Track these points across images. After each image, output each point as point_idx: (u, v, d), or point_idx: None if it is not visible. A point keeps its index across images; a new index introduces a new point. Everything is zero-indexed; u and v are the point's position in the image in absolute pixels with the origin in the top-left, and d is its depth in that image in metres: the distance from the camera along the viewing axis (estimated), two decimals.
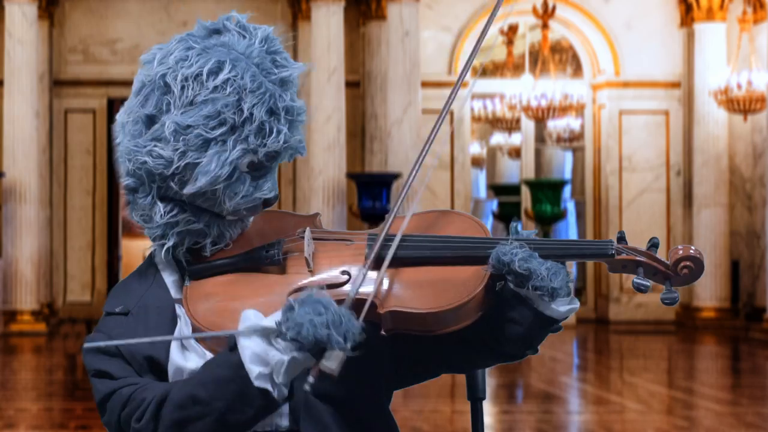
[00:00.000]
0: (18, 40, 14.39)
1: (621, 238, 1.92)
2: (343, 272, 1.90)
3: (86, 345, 1.91)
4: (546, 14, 15.16)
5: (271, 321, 1.77)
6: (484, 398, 2.22)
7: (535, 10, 15.24)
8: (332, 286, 1.88)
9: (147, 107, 2.00)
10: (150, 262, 2.04)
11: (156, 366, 1.93)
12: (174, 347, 1.92)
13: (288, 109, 1.94)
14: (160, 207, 1.95)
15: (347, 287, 1.83)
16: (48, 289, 15.35)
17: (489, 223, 18.45)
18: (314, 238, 1.97)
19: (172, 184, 1.95)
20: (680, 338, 14.80)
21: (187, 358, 1.91)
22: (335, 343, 1.71)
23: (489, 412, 8.72)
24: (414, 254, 1.92)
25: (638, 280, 1.88)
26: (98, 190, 15.97)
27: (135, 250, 21.71)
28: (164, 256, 1.99)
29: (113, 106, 15.94)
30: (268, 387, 1.78)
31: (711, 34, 15.28)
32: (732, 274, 15.48)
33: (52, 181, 15.80)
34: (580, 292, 16.40)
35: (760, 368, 12.25)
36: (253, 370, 1.77)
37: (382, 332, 1.87)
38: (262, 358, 1.77)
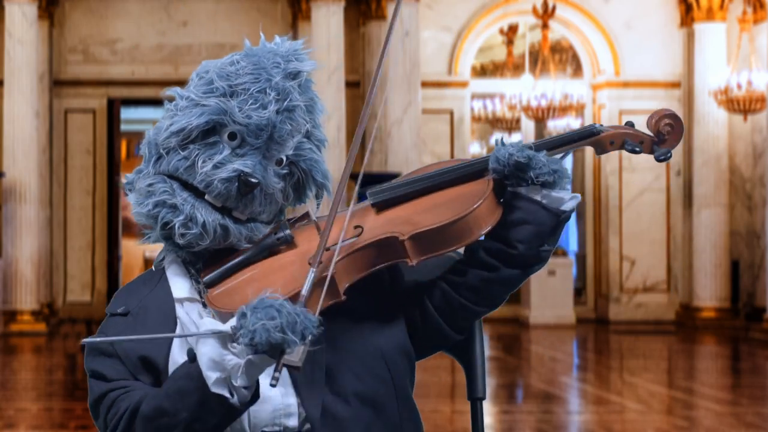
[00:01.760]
0: (18, 40, 14.39)
1: (600, 125, 2.01)
2: (356, 227, 1.92)
3: (82, 341, 1.93)
4: (546, 14, 15.16)
5: (226, 326, 1.76)
6: (484, 398, 2.22)
7: (535, 10, 15.24)
8: (347, 239, 1.90)
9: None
10: (158, 266, 2.05)
11: (151, 366, 1.93)
12: (176, 347, 1.93)
13: (280, 91, 1.96)
14: (149, 179, 1.97)
15: (304, 288, 1.82)
16: (48, 289, 15.35)
17: None
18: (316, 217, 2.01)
19: (162, 151, 1.97)
20: (680, 338, 14.80)
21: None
22: (291, 343, 1.71)
23: (489, 412, 8.72)
24: (417, 187, 1.99)
25: (630, 144, 1.99)
26: (98, 190, 15.97)
27: (135, 250, 21.71)
28: (157, 232, 1.98)
29: (113, 106, 15.94)
30: (225, 393, 1.78)
31: (711, 34, 15.28)
32: (732, 274, 15.48)
33: (52, 181, 15.80)
34: (580, 292, 16.40)
35: (760, 368, 12.25)
36: (210, 376, 1.77)
37: (412, 263, 1.90)
38: (218, 364, 1.76)
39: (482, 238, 1.95)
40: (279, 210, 2.04)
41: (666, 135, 1.99)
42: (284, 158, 1.99)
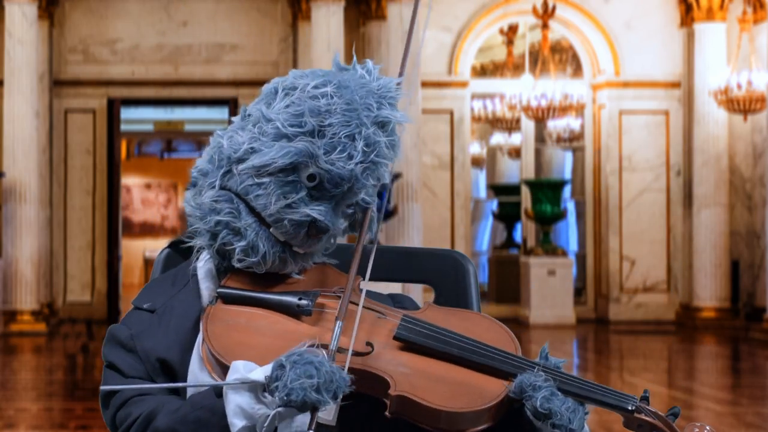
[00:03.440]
0: (18, 40, 14.39)
1: (645, 398, 1.89)
2: (368, 344, 1.88)
3: (102, 387, 1.92)
4: (546, 14, 15.16)
5: (260, 375, 1.75)
6: None
7: (535, 10, 15.24)
8: (355, 354, 1.85)
9: (253, 107, 2.01)
10: (188, 267, 2.03)
11: (169, 369, 1.93)
12: (196, 355, 1.92)
13: (369, 144, 1.94)
14: (214, 192, 1.95)
15: (332, 343, 1.81)
16: (48, 289, 15.35)
17: (489, 222, 18.45)
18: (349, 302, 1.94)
19: (234, 169, 1.94)
20: (680, 338, 14.80)
21: (204, 370, 1.90)
22: (324, 404, 1.71)
23: None
24: (441, 348, 1.91)
25: None
26: (98, 190, 15.97)
27: (135, 250, 21.74)
28: (202, 242, 1.96)
29: (113, 106, 15.94)
30: None
31: (711, 34, 15.28)
32: (732, 274, 15.48)
33: (52, 181, 15.80)
34: (580, 292, 16.41)
35: (760, 368, 12.25)
36: (236, 424, 1.76)
37: (386, 413, 1.84)
38: (246, 412, 1.75)
39: None
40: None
41: None
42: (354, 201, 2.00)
